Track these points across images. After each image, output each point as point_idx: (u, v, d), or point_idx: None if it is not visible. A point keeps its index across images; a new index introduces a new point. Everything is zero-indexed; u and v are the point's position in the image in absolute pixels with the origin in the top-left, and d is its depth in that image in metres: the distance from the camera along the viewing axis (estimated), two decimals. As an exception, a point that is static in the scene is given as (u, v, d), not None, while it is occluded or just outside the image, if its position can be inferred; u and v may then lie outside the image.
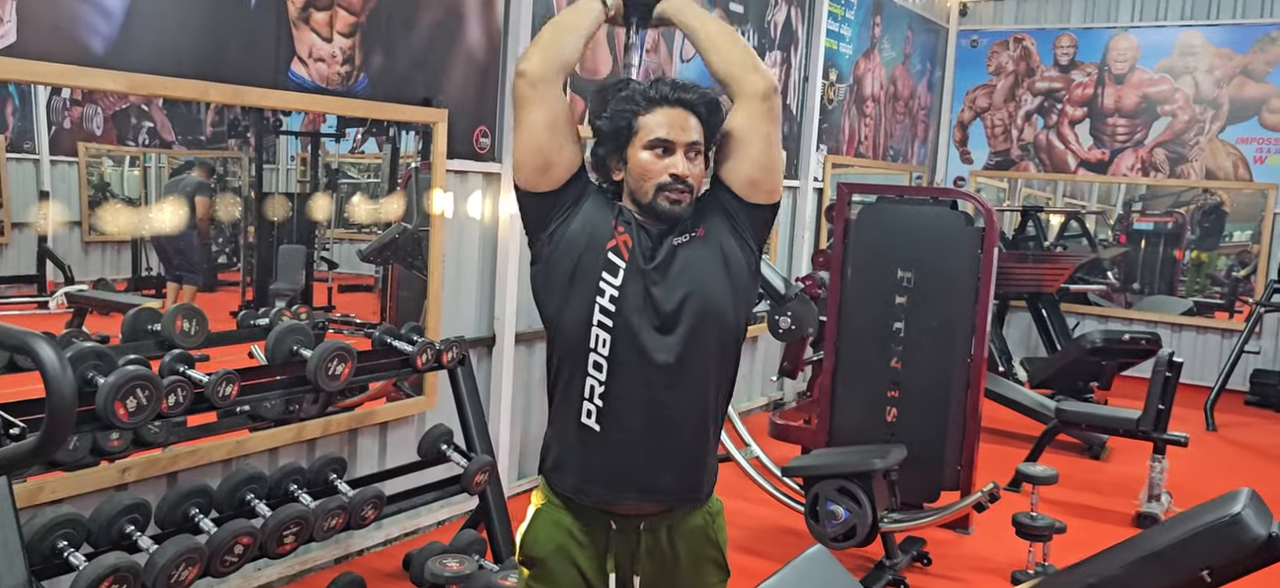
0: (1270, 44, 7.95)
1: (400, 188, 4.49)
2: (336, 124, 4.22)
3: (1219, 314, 8.41)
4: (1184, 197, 8.56)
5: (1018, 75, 8.83)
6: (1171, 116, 8.29)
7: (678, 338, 1.82)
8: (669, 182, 1.82)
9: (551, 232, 1.88)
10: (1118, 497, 5.19)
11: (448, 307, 4.30)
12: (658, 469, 1.86)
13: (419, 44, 4.08)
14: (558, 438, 1.93)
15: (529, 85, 1.85)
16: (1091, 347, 6.70)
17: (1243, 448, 6.48)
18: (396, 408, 4.12)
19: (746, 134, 1.86)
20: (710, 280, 1.85)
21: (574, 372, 1.86)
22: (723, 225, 1.88)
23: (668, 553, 1.91)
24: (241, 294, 3.99)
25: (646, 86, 1.87)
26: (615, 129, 1.86)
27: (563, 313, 1.86)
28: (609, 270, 1.83)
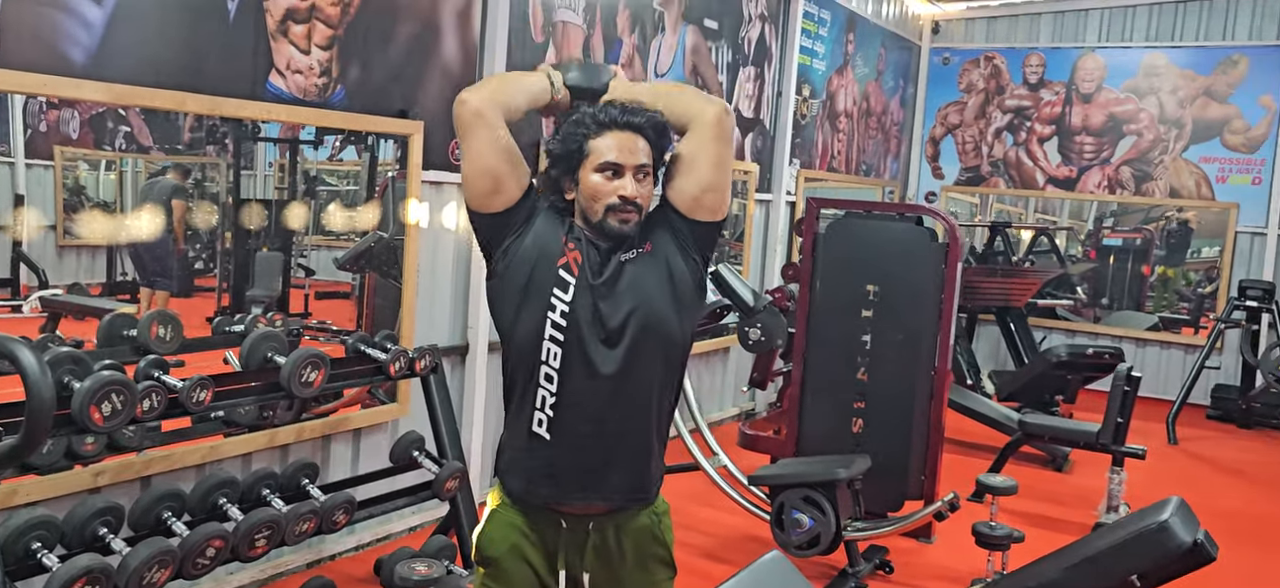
0: (1232, 66, 8.14)
1: (376, 197, 4.55)
2: (315, 131, 4.28)
3: (1185, 329, 8.57)
4: (1152, 214, 8.73)
5: (988, 93, 8.99)
6: (1137, 135, 8.46)
7: (622, 350, 1.91)
8: (618, 203, 1.91)
9: (505, 248, 1.96)
10: (1077, 508, 5.30)
11: (422, 315, 4.36)
12: (604, 472, 1.95)
13: (396, 57, 4.15)
14: (511, 443, 2.02)
15: (471, 113, 1.92)
16: (1057, 361, 6.83)
17: (1201, 461, 6.62)
18: (370, 415, 4.18)
19: (696, 155, 1.96)
20: (654, 295, 1.94)
21: (527, 382, 1.94)
22: (669, 241, 1.97)
23: (615, 551, 1.99)
24: (218, 300, 4.03)
25: (597, 111, 1.95)
26: (567, 151, 1.94)
27: (516, 326, 1.95)
28: (560, 286, 1.91)
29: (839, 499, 4.06)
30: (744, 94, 6.57)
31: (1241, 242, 8.13)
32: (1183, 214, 8.59)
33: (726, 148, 1.99)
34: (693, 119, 1.96)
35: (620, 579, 2.00)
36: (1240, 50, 8.11)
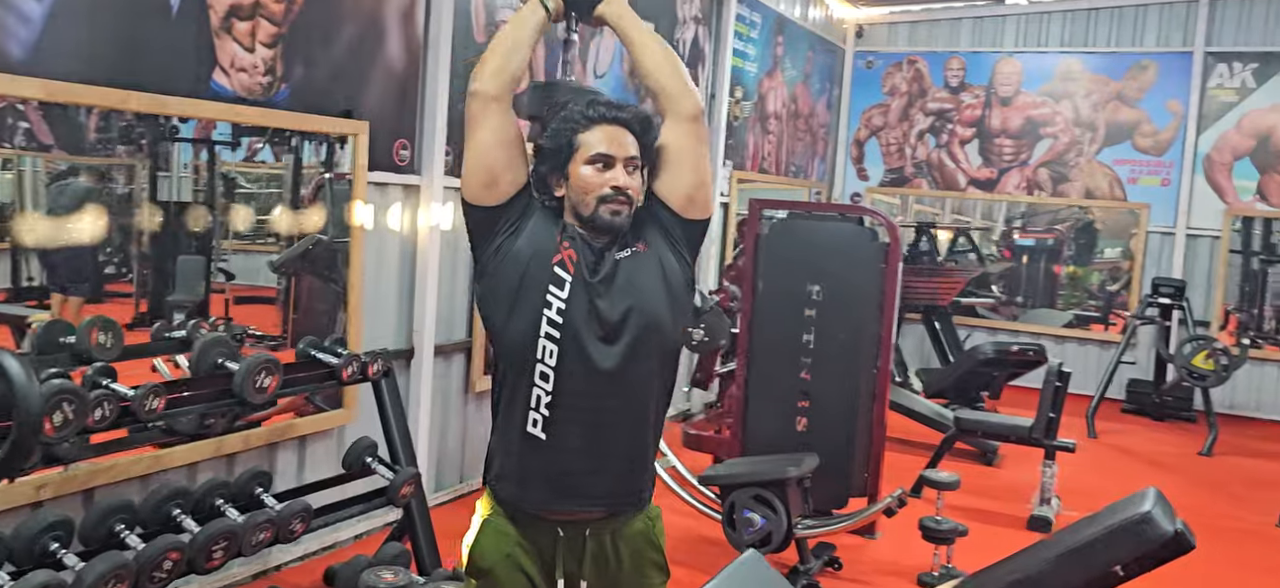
0: (1141, 71, 8.48)
1: (308, 199, 4.45)
2: (232, 132, 4.15)
3: (1095, 326, 8.92)
4: (1061, 214, 9.05)
5: (911, 96, 9.20)
6: (1053, 138, 8.77)
7: (620, 349, 1.90)
8: (610, 193, 1.90)
9: (497, 246, 1.95)
10: (1010, 501, 5.46)
11: (367, 319, 4.27)
12: (599, 475, 1.94)
13: (340, 56, 4.06)
14: (502, 448, 1.99)
15: (481, 105, 1.93)
16: (984, 358, 7.03)
17: (1121, 453, 6.89)
18: (316, 422, 4.08)
19: (680, 154, 1.97)
20: (651, 293, 1.94)
21: (520, 382, 1.92)
22: (660, 240, 1.98)
23: (612, 557, 1.99)
24: (135, 306, 3.85)
25: (584, 107, 1.96)
26: (556, 147, 1.95)
27: (509, 325, 1.93)
28: (555, 284, 1.90)
29: (789, 498, 4.11)
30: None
31: (1152, 241, 8.47)
32: (1089, 215, 8.93)
33: (705, 149, 2.04)
34: (671, 102, 1.97)
35: (617, 584, 1.99)
36: (1149, 56, 8.46)
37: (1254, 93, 8.14)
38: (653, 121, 1.97)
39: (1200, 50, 8.24)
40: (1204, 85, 8.26)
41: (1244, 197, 8.20)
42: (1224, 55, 8.22)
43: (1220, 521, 5.55)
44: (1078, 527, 2.10)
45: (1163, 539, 1.89)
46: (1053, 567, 2.01)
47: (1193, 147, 8.29)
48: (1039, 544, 2.18)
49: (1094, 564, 1.95)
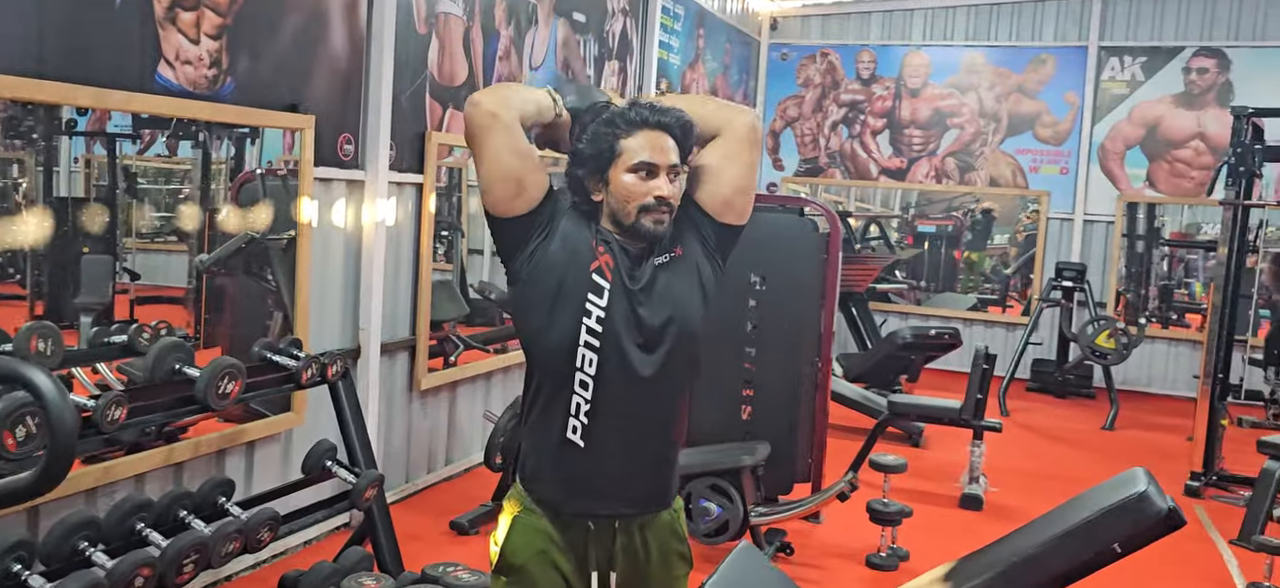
0: (1041, 65, 8.86)
1: (232, 195, 4.31)
2: (133, 124, 3.99)
3: (993, 309, 9.30)
4: (956, 202, 9.39)
5: (824, 88, 9.41)
6: (960, 128, 9.08)
7: (659, 357, 1.91)
8: (653, 204, 1.89)
9: (531, 252, 1.92)
10: (939, 480, 5.66)
11: (313, 318, 4.16)
12: (633, 479, 1.96)
13: (284, 48, 3.95)
14: (536, 451, 1.98)
15: (487, 114, 1.87)
16: (902, 343, 7.25)
17: (1032, 431, 7.20)
18: (265, 426, 3.96)
19: (728, 159, 1.97)
20: (688, 302, 1.94)
21: (558, 389, 1.91)
22: (696, 244, 1.98)
23: (640, 551, 2.00)
24: (31, 309, 3.64)
25: (625, 109, 1.93)
26: (597, 152, 1.91)
27: (547, 333, 1.91)
28: (594, 292, 1.89)
29: (744, 486, 4.18)
30: (609, 87, 6.60)
31: (1052, 227, 8.86)
32: (984, 203, 9.31)
33: (757, 153, 2.03)
34: (723, 127, 1.97)
35: (646, 577, 2.00)
36: (1047, 51, 8.83)
37: (1143, 85, 8.59)
38: (692, 125, 1.95)
39: (1094, 45, 8.65)
40: (1098, 78, 8.67)
41: (1135, 183, 8.65)
42: (1116, 50, 8.64)
43: (1129, 492, 5.86)
44: (1070, 507, 2.21)
45: (1159, 517, 2.00)
46: (1054, 546, 2.10)
47: (1088, 136, 8.70)
48: (1034, 525, 2.28)
49: (1094, 543, 2.05)
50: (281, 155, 4.25)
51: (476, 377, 5.40)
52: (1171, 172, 8.53)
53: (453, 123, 4.98)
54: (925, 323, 8.47)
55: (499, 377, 5.62)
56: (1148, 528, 2.02)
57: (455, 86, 4.98)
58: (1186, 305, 9.14)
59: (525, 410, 2.00)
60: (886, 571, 4.35)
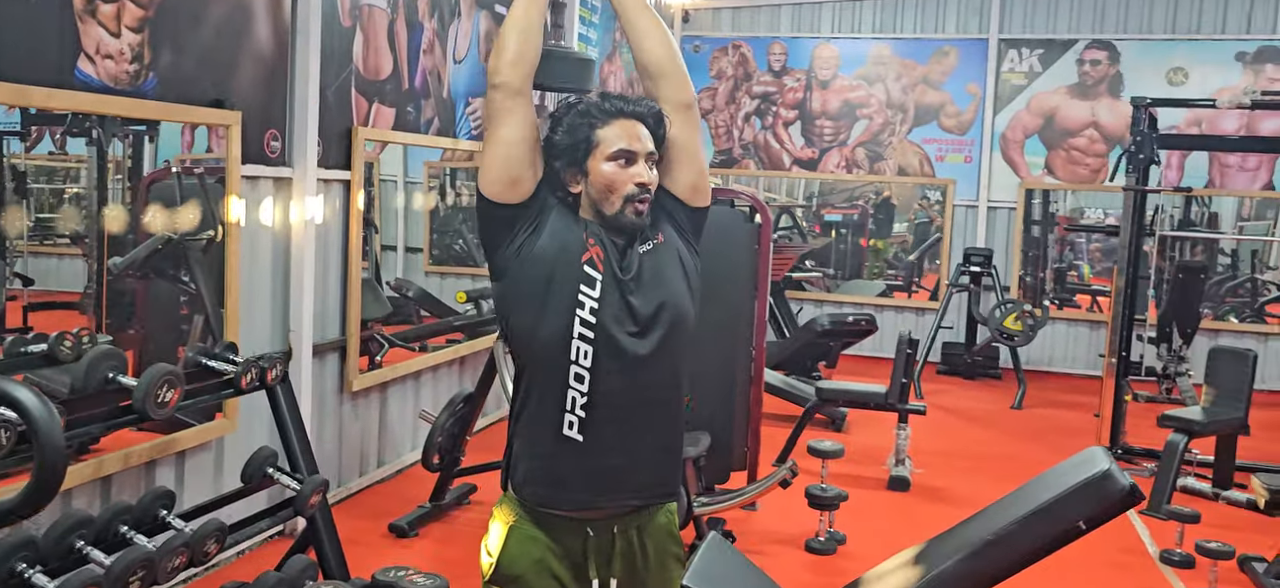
0: (944, 56, 9.12)
1: (142, 195, 4.15)
2: (20, 120, 3.81)
3: (898, 294, 9.57)
4: (857, 191, 9.61)
5: (737, 79, 9.51)
6: (869, 119, 9.29)
7: (652, 342, 1.91)
8: (635, 192, 1.89)
9: (518, 245, 1.90)
10: (864, 462, 5.79)
11: (242, 320, 4.03)
12: (636, 470, 1.95)
13: (208, 42, 3.81)
14: (531, 452, 1.95)
15: (508, 97, 1.87)
16: (821, 330, 7.39)
17: (947, 412, 7.42)
18: (197, 434, 3.83)
19: (684, 143, 1.99)
20: (676, 286, 1.96)
21: (551, 385, 1.89)
22: (671, 230, 1.99)
23: (638, 554, 1.99)
24: None
25: (598, 101, 1.94)
26: (573, 143, 1.91)
27: (538, 327, 1.89)
28: (586, 283, 1.88)
29: (689, 477, 4.21)
30: None
31: (958, 214, 9.15)
32: (885, 192, 9.57)
33: (700, 137, 2.07)
34: (667, 85, 1.97)
35: (644, 582, 2.00)
36: (950, 43, 9.10)
37: (1040, 76, 8.93)
38: (664, 117, 1.96)
39: (994, 37, 8.95)
40: (998, 69, 8.98)
41: (1035, 171, 8.99)
42: (1014, 42, 8.96)
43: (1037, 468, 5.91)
44: (1032, 488, 2.30)
45: (1122, 494, 2.10)
46: (1022, 526, 2.19)
47: (990, 126, 9.00)
48: (1003, 503, 2.36)
49: (1061, 521, 2.14)
50: (180, 153, 4.11)
51: (406, 376, 5.31)
52: (1068, 159, 8.89)
53: (378, 117, 4.88)
54: (841, 310, 8.64)
55: (428, 376, 5.54)
56: (1111, 505, 2.12)
57: (381, 80, 4.88)
58: (1077, 287, 9.56)
59: (515, 414, 1.97)
60: (825, 554, 4.44)
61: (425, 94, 5.30)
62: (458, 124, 5.70)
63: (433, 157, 6.46)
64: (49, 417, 1.36)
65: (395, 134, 5.05)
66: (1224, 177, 8.58)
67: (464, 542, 4.44)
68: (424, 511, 4.54)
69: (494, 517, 2.02)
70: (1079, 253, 9.75)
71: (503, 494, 2.03)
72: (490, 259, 1.95)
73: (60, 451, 1.38)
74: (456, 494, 4.75)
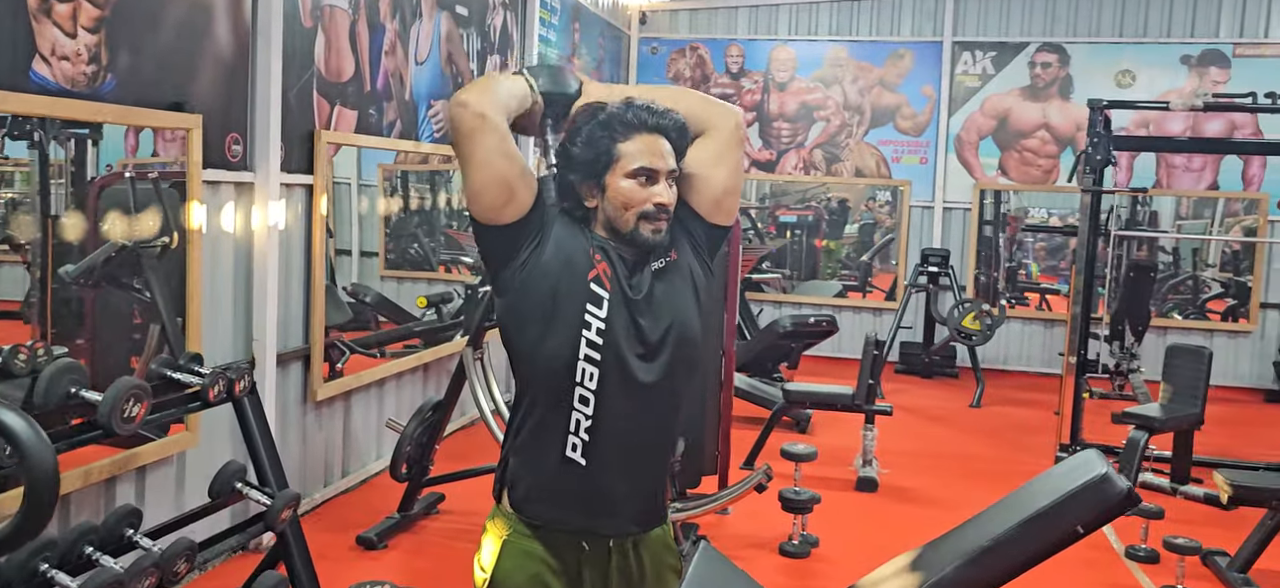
0: (899, 59, 9.20)
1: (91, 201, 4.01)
2: None
3: (853, 294, 9.64)
4: (810, 192, 9.66)
5: (694, 81, 9.49)
6: (826, 121, 9.34)
7: (659, 366, 1.85)
8: (653, 211, 1.83)
9: (522, 262, 1.84)
10: (831, 464, 5.79)
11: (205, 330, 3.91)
12: (634, 496, 1.90)
13: (167, 42, 3.68)
14: (530, 470, 1.89)
15: (475, 115, 1.78)
16: (783, 332, 7.40)
17: (907, 412, 7.45)
18: (158, 448, 3.70)
19: (716, 159, 1.93)
20: (686, 308, 1.90)
21: (555, 406, 1.84)
22: (687, 246, 1.93)
23: (635, 569, 1.95)
24: None
25: (621, 111, 1.85)
26: (593, 156, 1.83)
27: (542, 347, 1.83)
28: (593, 302, 1.82)
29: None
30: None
31: (914, 215, 9.23)
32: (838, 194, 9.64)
33: (743, 152, 2.00)
34: (710, 124, 1.93)
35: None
36: (905, 45, 9.18)
37: (994, 78, 9.04)
38: (687, 130, 1.90)
39: (949, 40, 9.05)
40: (952, 72, 9.08)
41: (989, 172, 9.11)
42: (968, 44, 9.07)
43: (1003, 465, 6.18)
44: (1027, 492, 2.29)
45: (1120, 497, 2.10)
46: (1020, 532, 2.17)
47: (945, 128, 9.10)
48: (994, 509, 2.35)
49: (1059, 526, 2.13)
50: (123, 158, 3.98)
51: (370, 384, 5.20)
52: (1021, 160, 9.02)
53: (340, 120, 4.77)
54: (800, 311, 8.67)
55: (392, 383, 5.44)
56: (1110, 508, 2.11)
57: (342, 82, 4.77)
58: (1027, 285, 9.71)
59: (513, 430, 1.91)
60: (800, 558, 4.43)
61: (387, 96, 5.20)
62: (420, 126, 5.61)
63: (387, 158, 6.35)
64: (38, 441, 1.29)
65: (358, 137, 4.95)
66: (1171, 177, 8.76)
67: (434, 553, 4.36)
68: (392, 521, 4.45)
69: (486, 531, 1.96)
70: (1027, 252, 9.91)
71: (495, 507, 1.98)
72: (494, 279, 1.88)
73: (51, 476, 1.30)
74: (424, 504, 4.66)
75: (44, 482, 1.27)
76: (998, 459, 6.32)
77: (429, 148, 5.75)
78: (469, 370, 4.29)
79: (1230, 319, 8.85)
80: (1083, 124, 8.62)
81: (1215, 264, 9.45)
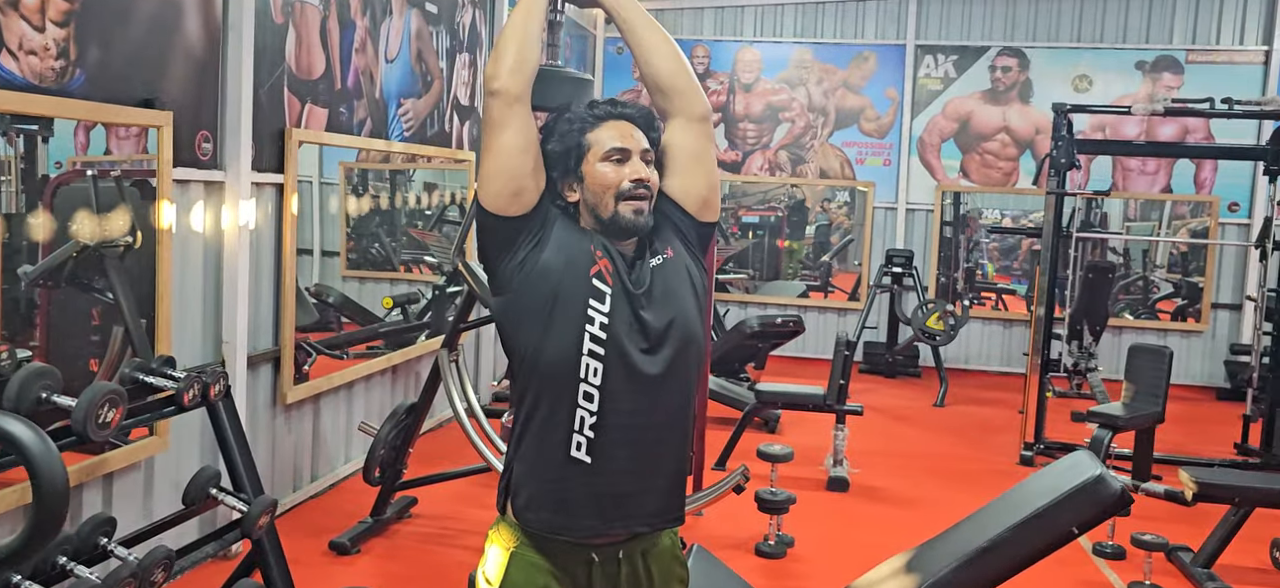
0: (863, 62, 9.28)
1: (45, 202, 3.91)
2: None
3: (815, 294, 9.71)
4: (769, 193, 9.71)
5: (660, 82, 9.47)
6: (791, 122, 9.39)
7: (663, 360, 1.84)
8: (630, 188, 1.83)
9: (521, 259, 1.83)
10: (801, 464, 5.81)
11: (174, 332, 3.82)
12: (646, 494, 1.88)
13: (137, 37, 3.60)
14: (534, 474, 1.86)
15: (505, 106, 1.80)
16: (750, 332, 7.41)
17: (874, 411, 7.48)
18: (126, 454, 3.61)
19: (694, 154, 1.93)
20: (686, 302, 1.89)
21: (558, 404, 1.81)
22: (680, 244, 1.93)
23: (643, 578, 1.92)
24: None
25: (588, 106, 1.90)
26: (565, 149, 1.86)
27: (544, 344, 1.81)
28: (596, 297, 1.81)
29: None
30: (461, 80, 6.41)
31: (877, 216, 9.31)
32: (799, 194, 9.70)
33: (714, 148, 2.02)
34: (681, 100, 1.92)
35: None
36: (869, 48, 9.26)
37: (955, 82, 9.15)
38: (655, 118, 1.92)
39: (911, 43, 9.14)
40: (915, 75, 9.17)
41: (950, 174, 9.21)
42: (931, 48, 9.16)
43: (966, 464, 6.25)
44: (1020, 494, 2.31)
45: (1115, 498, 2.13)
46: (1015, 533, 2.19)
47: (908, 130, 9.19)
48: (989, 511, 2.37)
49: (1055, 528, 2.16)
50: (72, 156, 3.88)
51: (340, 387, 5.13)
52: (982, 163, 9.14)
53: (311, 118, 4.70)
54: (766, 311, 8.70)
55: (361, 386, 5.36)
56: (1104, 509, 2.15)
57: (313, 80, 4.69)
58: (984, 285, 9.84)
59: (517, 435, 1.88)
60: (775, 558, 4.43)
61: (357, 94, 5.12)
62: (390, 125, 5.54)
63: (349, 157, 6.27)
64: (46, 451, 1.24)
65: (328, 135, 4.87)
66: (1126, 180, 8.93)
67: (408, 557, 4.31)
68: (365, 526, 4.39)
69: (490, 541, 1.93)
70: (982, 252, 10.04)
71: (499, 517, 1.95)
72: (491, 274, 1.87)
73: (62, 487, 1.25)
74: (397, 508, 4.60)
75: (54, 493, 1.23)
76: (964, 458, 6.39)
77: (400, 147, 5.68)
78: (444, 372, 4.24)
79: (1180, 319, 9.04)
80: (1042, 127, 8.80)
81: (1164, 265, 9.66)
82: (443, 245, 6.97)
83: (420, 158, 6.29)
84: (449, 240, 6.79)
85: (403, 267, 6.85)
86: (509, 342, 1.87)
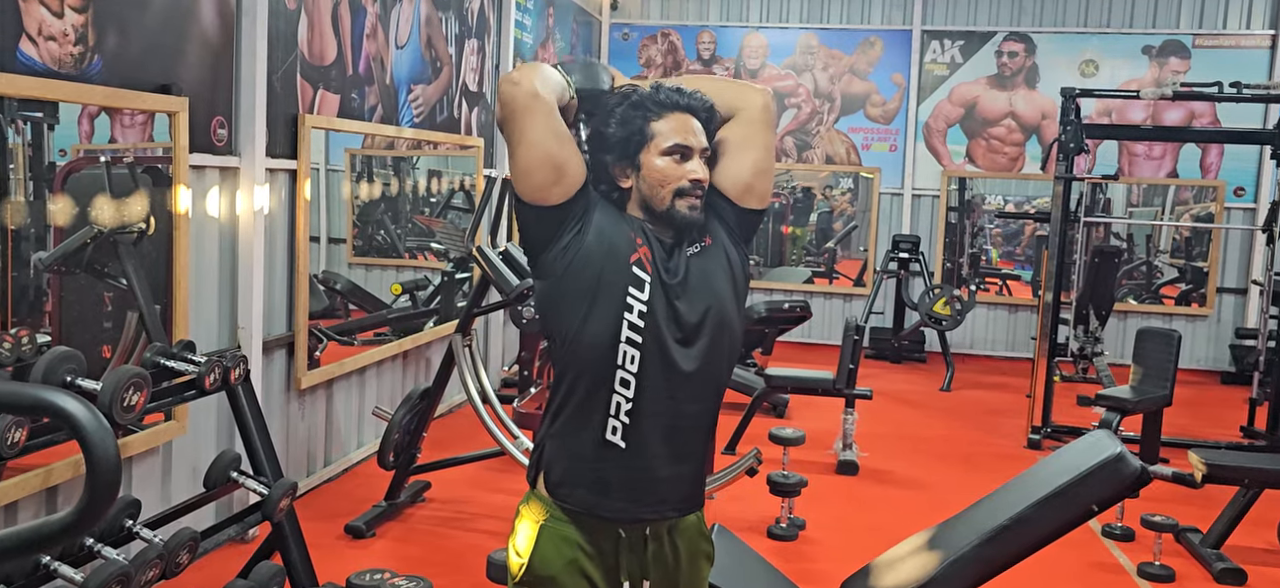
0: (869, 47, 9.27)
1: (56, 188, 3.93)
2: None
3: (819, 280, 9.73)
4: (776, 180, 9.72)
5: (666, 68, 9.49)
6: (797, 108, 9.39)
7: (698, 350, 1.86)
8: (688, 187, 1.84)
9: (564, 245, 1.84)
10: (810, 448, 5.84)
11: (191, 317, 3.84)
12: (676, 481, 1.90)
13: (154, 23, 3.61)
14: (568, 454, 1.89)
15: (528, 95, 1.78)
16: (758, 317, 7.44)
17: (882, 396, 7.48)
18: (146, 439, 3.63)
19: (746, 141, 1.93)
20: (722, 291, 1.90)
21: (595, 388, 1.84)
22: (721, 231, 1.93)
23: (670, 555, 1.95)
24: None
25: (652, 92, 1.88)
26: (626, 135, 1.84)
27: (584, 330, 1.83)
28: (635, 285, 1.82)
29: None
30: (469, 67, 6.42)
31: (884, 202, 9.32)
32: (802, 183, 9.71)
33: (773, 133, 2.01)
34: (739, 107, 1.94)
35: (675, 582, 1.95)
36: (875, 33, 9.25)
37: (962, 67, 9.14)
38: (716, 112, 1.92)
39: (918, 28, 9.13)
40: (921, 60, 9.16)
41: (956, 159, 9.22)
42: (937, 33, 9.15)
43: (974, 447, 6.28)
44: (1041, 472, 2.33)
45: (1135, 476, 2.15)
46: (1038, 510, 2.22)
47: (914, 115, 9.19)
48: (1011, 487, 2.39)
49: (1075, 505, 2.18)
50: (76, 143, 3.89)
51: (351, 372, 5.15)
52: (988, 148, 9.14)
53: (323, 104, 4.71)
54: (773, 297, 8.72)
55: (372, 371, 5.39)
56: (1123, 487, 2.17)
57: (325, 66, 4.70)
58: (989, 271, 9.86)
59: (552, 413, 1.90)
60: (788, 541, 4.46)
61: (369, 80, 5.14)
62: (400, 111, 5.55)
63: (355, 142, 6.28)
64: (100, 427, 1.26)
65: (341, 121, 4.89)
66: (1132, 165, 8.93)
67: (423, 540, 4.34)
68: (380, 510, 4.41)
69: (520, 516, 1.96)
70: (986, 237, 10.06)
71: (530, 492, 1.97)
72: (534, 261, 1.88)
73: (114, 463, 1.27)
74: (411, 492, 4.63)
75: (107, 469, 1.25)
76: (971, 442, 6.42)
77: (410, 133, 5.70)
78: (458, 357, 4.26)
79: (1184, 304, 9.05)
80: (1048, 113, 8.81)
81: (1167, 250, 9.67)
82: (449, 232, 6.99)
83: (428, 144, 6.30)
84: (455, 227, 6.81)
85: (408, 254, 6.87)
86: (549, 326, 1.89)
